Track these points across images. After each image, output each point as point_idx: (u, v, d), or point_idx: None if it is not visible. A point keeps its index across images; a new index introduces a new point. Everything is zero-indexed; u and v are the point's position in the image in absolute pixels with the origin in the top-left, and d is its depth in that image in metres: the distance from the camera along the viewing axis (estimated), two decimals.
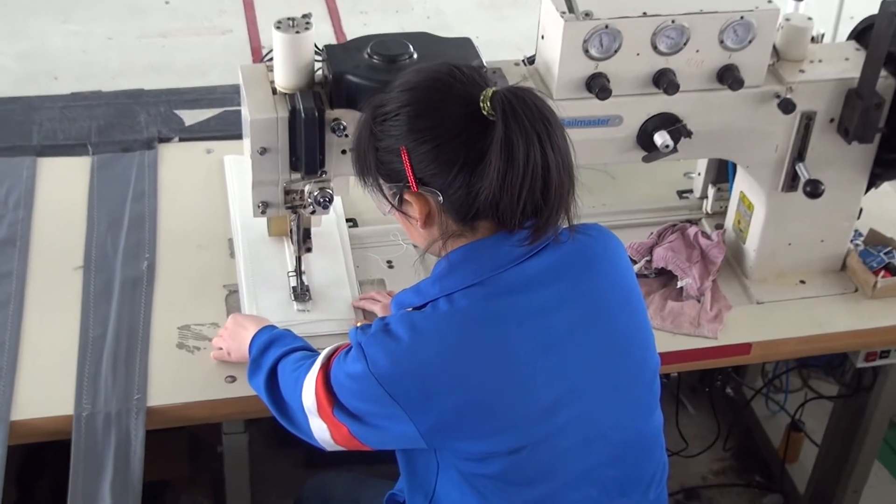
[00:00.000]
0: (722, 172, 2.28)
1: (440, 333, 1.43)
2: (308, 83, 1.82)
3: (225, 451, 2.03)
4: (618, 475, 1.56)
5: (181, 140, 2.47)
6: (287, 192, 1.88)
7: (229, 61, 2.99)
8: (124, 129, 2.48)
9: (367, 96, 1.73)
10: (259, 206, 1.89)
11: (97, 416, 1.81)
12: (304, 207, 1.89)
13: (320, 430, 1.55)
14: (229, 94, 2.62)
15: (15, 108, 2.53)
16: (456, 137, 1.40)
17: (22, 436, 1.80)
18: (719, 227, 2.26)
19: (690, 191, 2.39)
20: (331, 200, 1.86)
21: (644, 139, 1.93)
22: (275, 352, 1.69)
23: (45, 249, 2.15)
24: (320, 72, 1.84)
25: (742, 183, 2.14)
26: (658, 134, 1.90)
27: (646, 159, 1.95)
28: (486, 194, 1.39)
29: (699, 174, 2.34)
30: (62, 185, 2.32)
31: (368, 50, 1.80)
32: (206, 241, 2.19)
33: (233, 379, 1.88)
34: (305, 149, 1.79)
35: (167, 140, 2.46)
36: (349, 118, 1.78)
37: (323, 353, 1.57)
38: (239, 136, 2.45)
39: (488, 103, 1.39)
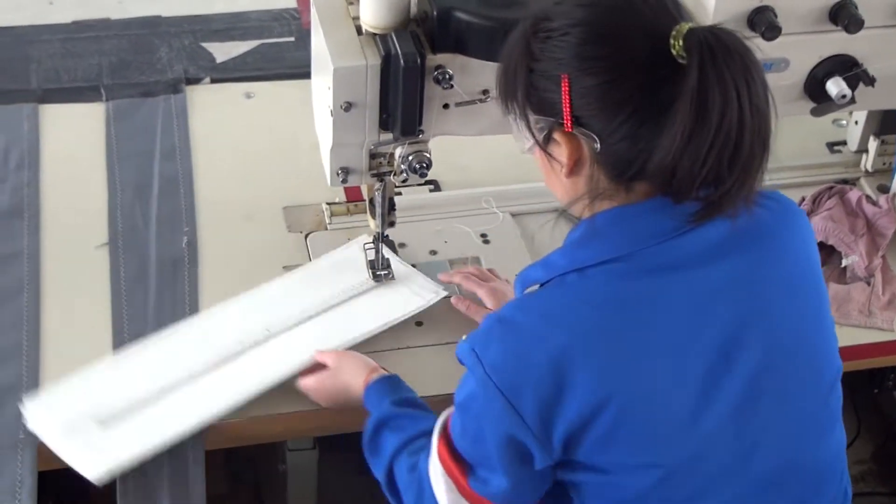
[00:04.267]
0: (888, 121, 2.20)
1: (568, 314, 1.36)
2: (403, 21, 1.71)
3: (290, 472, 1.96)
4: None
5: (213, 81, 2.37)
6: (373, 157, 1.79)
7: None
8: (142, 67, 2.38)
9: (479, 38, 1.66)
10: (339, 174, 1.80)
11: None
12: (395, 175, 1.80)
13: None
14: (266, 23, 2.53)
15: (6, 41, 2.43)
16: (633, 76, 1.31)
17: (54, 461, 1.72)
18: (883, 189, 2.18)
19: (843, 142, 2.30)
20: (429, 166, 1.77)
21: (814, 87, 1.85)
22: (391, 441, 1.60)
23: (60, 222, 2.06)
24: (414, 5, 1.74)
25: None
26: (832, 81, 1.82)
27: (815, 112, 1.86)
28: (662, 155, 1.31)
29: (856, 123, 2.26)
30: (72, 139, 2.24)
31: None
32: (256, 211, 2.11)
33: None
34: (403, 104, 1.69)
35: (196, 81, 2.37)
36: (456, 65, 1.69)
37: (438, 422, 1.50)
38: (284, 77, 2.39)
39: (681, 41, 1.29)
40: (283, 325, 1.85)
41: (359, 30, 1.73)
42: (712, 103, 1.28)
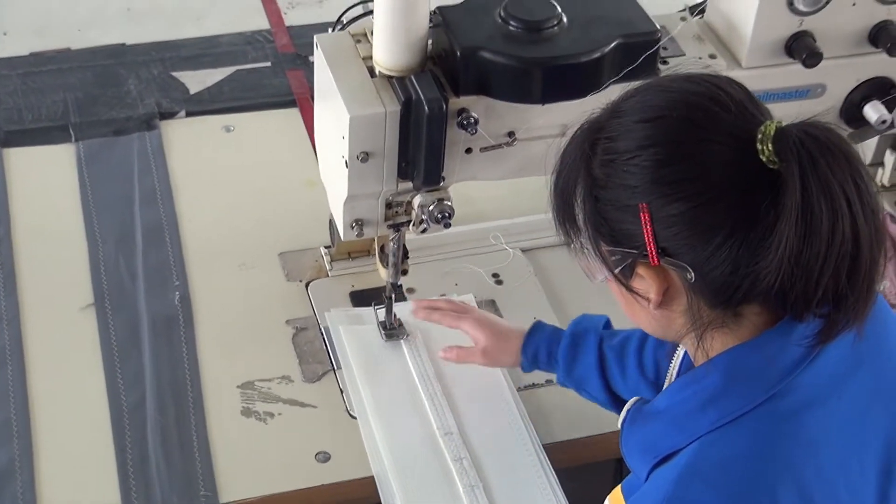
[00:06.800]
0: None
1: (746, 476, 1.18)
2: (421, 62, 1.59)
3: None
4: None
5: (188, 114, 2.23)
6: (388, 206, 1.67)
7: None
8: (111, 101, 2.23)
9: (504, 78, 1.55)
10: (353, 227, 1.67)
11: None
12: (415, 224, 1.67)
13: None
14: (239, 47, 2.39)
15: None
16: (722, 195, 1.14)
17: None
18: None
19: None
20: (451, 215, 1.65)
21: (850, 112, 1.75)
22: None
23: (39, 282, 1.91)
24: (429, 43, 1.62)
25: None
26: (870, 105, 1.73)
27: (853, 138, 1.76)
28: (769, 279, 1.14)
29: None
30: (43, 186, 2.09)
31: (501, 12, 1.58)
32: (251, 258, 1.97)
33: (326, 457, 1.68)
34: (425, 152, 1.57)
35: (170, 115, 2.22)
36: (480, 108, 1.57)
37: None
38: (264, 106, 2.26)
39: (769, 146, 1.13)
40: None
41: (371, 71, 1.60)
42: (819, 217, 1.11)
